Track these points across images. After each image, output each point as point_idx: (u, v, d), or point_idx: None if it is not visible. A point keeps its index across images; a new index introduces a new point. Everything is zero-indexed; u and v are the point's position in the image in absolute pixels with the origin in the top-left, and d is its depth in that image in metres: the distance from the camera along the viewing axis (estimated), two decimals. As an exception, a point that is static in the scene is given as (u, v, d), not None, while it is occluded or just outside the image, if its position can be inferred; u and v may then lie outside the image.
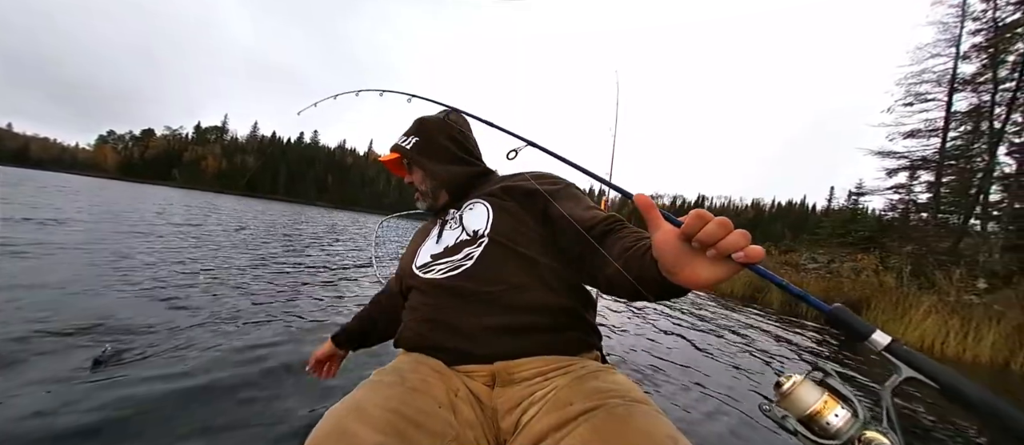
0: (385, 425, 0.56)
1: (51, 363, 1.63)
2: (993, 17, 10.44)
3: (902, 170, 12.34)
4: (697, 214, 0.47)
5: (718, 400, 2.41)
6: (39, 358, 1.66)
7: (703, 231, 0.46)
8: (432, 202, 1.03)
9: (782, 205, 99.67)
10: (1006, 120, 10.40)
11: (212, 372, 1.77)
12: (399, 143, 1.05)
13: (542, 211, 0.87)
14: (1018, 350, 5.40)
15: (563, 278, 0.83)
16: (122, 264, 3.66)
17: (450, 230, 0.94)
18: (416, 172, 1.05)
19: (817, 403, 0.46)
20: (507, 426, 0.68)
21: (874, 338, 0.46)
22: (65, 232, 4.97)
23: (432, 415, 0.61)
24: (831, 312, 0.49)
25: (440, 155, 1.02)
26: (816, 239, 15.33)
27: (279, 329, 2.46)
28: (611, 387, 0.66)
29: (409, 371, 0.71)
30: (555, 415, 0.62)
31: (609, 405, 0.60)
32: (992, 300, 6.73)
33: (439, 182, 1.02)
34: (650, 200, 0.52)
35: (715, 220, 0.46)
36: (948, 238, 10.53)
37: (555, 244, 0.85)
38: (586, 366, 0.74)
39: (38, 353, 1.70)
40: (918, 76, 11.81)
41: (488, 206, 0.91)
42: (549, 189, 0.88)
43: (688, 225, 0.47)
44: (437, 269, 0.87)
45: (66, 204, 8.80)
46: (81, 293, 2.62)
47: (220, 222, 9.74)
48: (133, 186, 41.36)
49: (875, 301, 7.20)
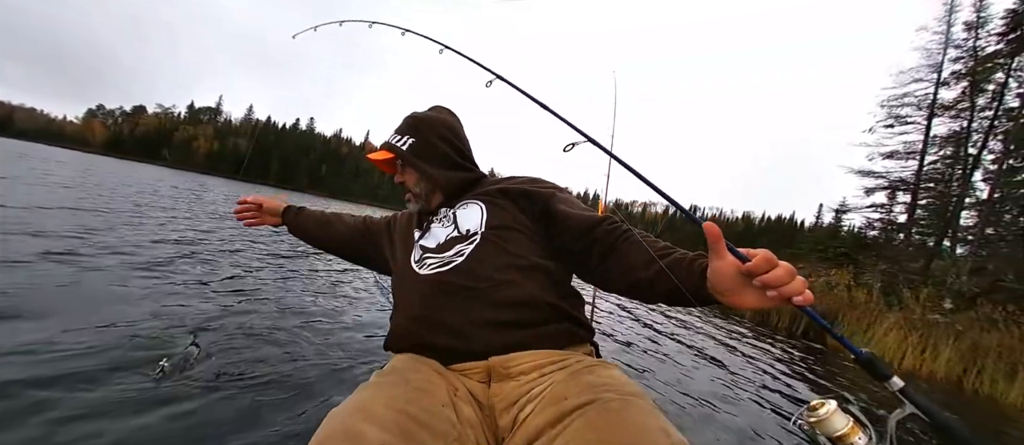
0: (391, 425, 0.56)
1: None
2: (974, 46, 10.75)
3: (880, 190, 12.65)
4: (766, 258, 0.53)
5: (711, 404, 2.51)
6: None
7: (771, 274, 0.52)
8: (424, 204, 1.01)
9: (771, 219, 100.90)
10: (982, 147, 10.72)
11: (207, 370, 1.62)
12: (392, 142, 0.99)
13: (540, 211, 0.89)
14: (971, 368, 5.59)
15: (554, 275, 0.85)
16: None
17: (442, 226, 0.94)
18: (409, 173, 1.01)
19: (845, 428, 0.56)
20: (505, 423, 0.69)
21: (893, 381, 0.56)
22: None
23: (436, 415, 0.61)
24: (862, 356, 0.58)
25: (437, 159, 0.98)
26: (798, 254, 15.61)
27: (278, 331, 2.23)
28: (606, 381, 0.66)
29: (410, 371, 0.71)
30: (550, 410, 0.62)
31: (603, 399, 0.60)
32: (955, 320, 6.95)
33: (435, 186, 0.99)
34: (718, 230, 0.55)
35: (782, 266, 0.52)
36: (920, 258, 10.81)
37: (550, 242, 0.87)
38: (581, 360, 0.75)
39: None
40: (900, 99, 12.12)
41: (482, 205, 0.92)
42: (545, 192, 0.91)
43: (755, 266, 0.53)
44: (427, 265, 0.87)
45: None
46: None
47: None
48: (123, 163, 40.05)
49: (842, 315, 7.40)
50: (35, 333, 1.60)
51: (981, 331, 6.35)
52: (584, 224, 0.82)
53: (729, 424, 2.27)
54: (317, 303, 2.89)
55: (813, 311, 0.56)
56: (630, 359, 3.10)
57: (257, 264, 3.82)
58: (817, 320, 0.58)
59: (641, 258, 0.72)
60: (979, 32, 10.63)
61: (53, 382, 1.33)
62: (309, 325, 2.36)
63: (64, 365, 1.43)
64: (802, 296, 0.52)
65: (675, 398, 2.48)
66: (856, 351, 0.58)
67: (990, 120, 10.58)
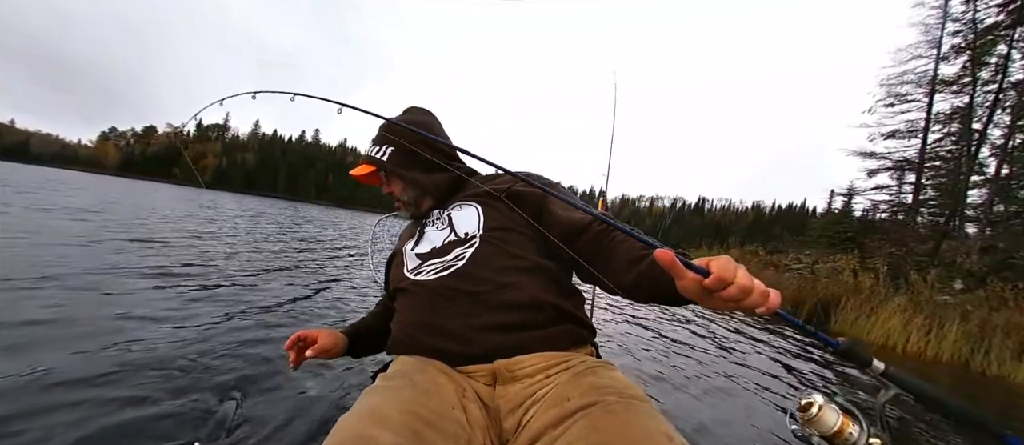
0: (403, 428, 0.55)
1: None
2: (973, 18, 10.46)
3: (883, 171, 12.38)
4: (718, 277, 0.50)
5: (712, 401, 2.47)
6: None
7: (725, 293, 0.51)
8: (415, 211, 1.01)
9: (782, 208, 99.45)
10: (988, 121, 10.43)
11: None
12: (372, 155, 0.99)
13: (535, 210, 0.89)
14: (978, 348, 5.43)
15: (554, 275, 0.84)
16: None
17: (437, 230, 0.93)
18: (395, 183, 1.01)
19: (838, 423, 0.56)
20: (510, 426, 0.68)
21: (875, 365, 0.57)
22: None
23: (445, 416, 0.61)
24: (839, 347, 0.58)
25: (420, 164, 0.97)
26: (805, 241, 15.35)
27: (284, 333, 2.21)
28: (608, 384, 0.66)
29: (417, 373, 0.70)
30: (553, 411, 0.62)
31: (606, 402, 0.60)
32: (964, 300, 6.76)
33: (423, 192, 0.99)
34: (670, 255, 0.53)
35: (736, 284, 0.50)
36: (929, 240, 10.55)
37: (547, 242, 0.86)
38: (584, 361, 0.74)
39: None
40: (899, 77, 11.86)
41: (478, 208, 0.91)
42: (539, 192, 0.89)
43: (710, 285, 0.51)
44: (426, 271, 0.86)
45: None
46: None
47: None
48: (135, 183, 40.94)
49: (846, 301, 7.23)
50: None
51: (990, 310, 6.17)
52: (573, 228, 0.82)
53: (728, 421, 2.23)
54: (313, 300, 2.93)
55: (783, 312, 0.56)
56: (629, 357, 3.09)
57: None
58: (788, 319, 0.58)
59: (623, 262, 0.72)
60: (978, 4, 10.31)
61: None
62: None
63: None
64: (764, 306, 0.51)
65: (675, 396, 2.45)
66: (831, 343, 0.58)
67: (995, 94, 10.29)
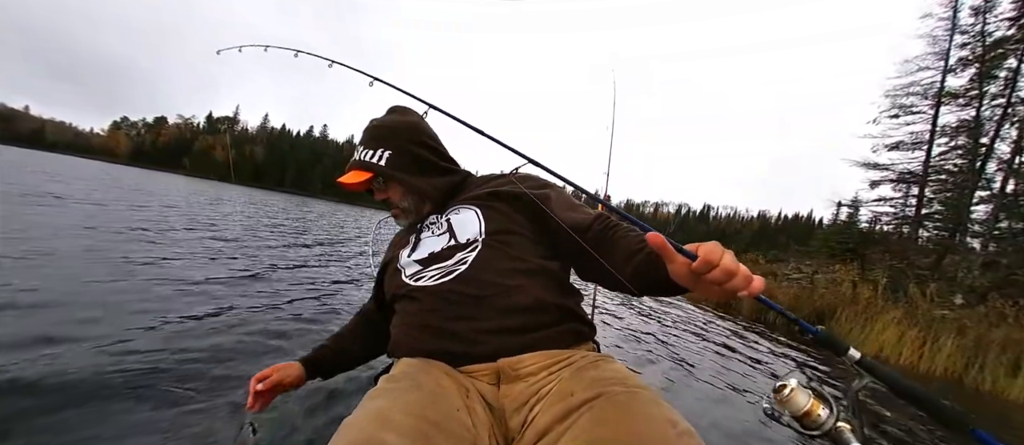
0: (410, 430, 0.55)
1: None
2: (982, 31, 10.34)
3: (886, 182, 12.26)
4: (705, 259, 0.53)
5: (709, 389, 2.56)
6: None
7: (711, 275, 0.53)
8: (415, 217, 0.98)
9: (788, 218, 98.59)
10: (995, 136, 10.29)
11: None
12: (366, 159, 0.93)
13: (534, 213, 0.89)
14: (973, 363, 5.36)
15: (556, 275, 0.85)
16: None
17: (435, 236, 0.91)
18: (393, 189, 0.96)
19: (808, 404, 0.60)
20: (515, 425, 0.68)
21: (850, 353, 0.61)
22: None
23: (451, 418, 0.61)
24: (818, 334, 0.62)
25: (420, 167, 0.95)
26: (807, 251, 15.24)
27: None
28: (611, 375, 0.67)
29: (421, 374, 0.70)
30: (558, 407, 0.63)
31: (610, 393, 0.61)
32: (962, 316, 6.67)
33: (424, 197, 0.96)
34: (661, 238, 0.56)
35: (721, 266, 0.52)
36: (931, 253, 10.42)
37: (548, 242, 0.87)
38: (586, 356, 0.75)
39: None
40: (905, 88, 11.74)
41: (478, 211, 0.90)
42: (539, 194, 0.89)
43: (697, 268, 0.54)
44: (428, 276, 0.85)
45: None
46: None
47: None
48: (145, 172, 41.26)
49: (841, 311, 7.17)
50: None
51: (989, 326, 6.08)
52: (577, 227, 0.82)
53: (725, 415, 2.29)
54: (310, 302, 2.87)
55: (766, 298, 0.59)
56: (626, 351, 3.14)
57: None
58: (769, 304, 0.62)
59: (621, 257, 0.74)
60: (987, 16, 10.21)
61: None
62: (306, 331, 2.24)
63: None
64: (748, 289, 0.53)
65: (674, 391, 2.51)
66: (811, 330, 0.62)
67: (1003, 108, 10.15)
